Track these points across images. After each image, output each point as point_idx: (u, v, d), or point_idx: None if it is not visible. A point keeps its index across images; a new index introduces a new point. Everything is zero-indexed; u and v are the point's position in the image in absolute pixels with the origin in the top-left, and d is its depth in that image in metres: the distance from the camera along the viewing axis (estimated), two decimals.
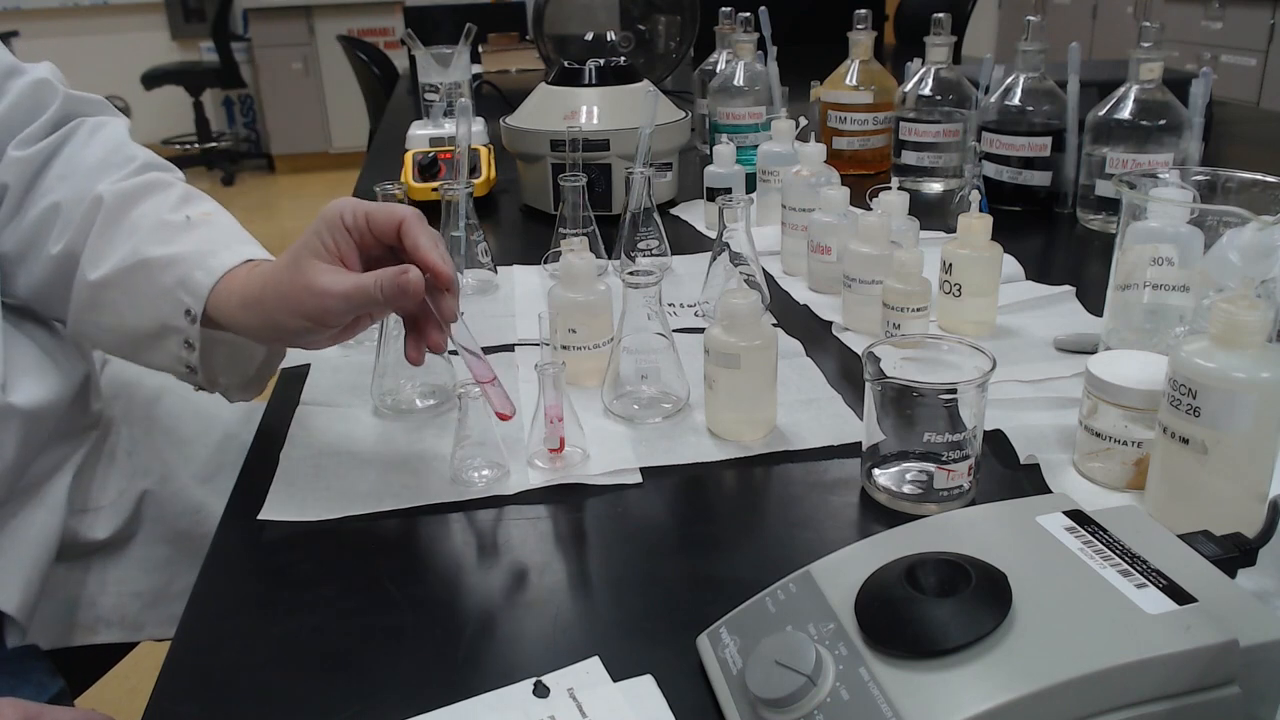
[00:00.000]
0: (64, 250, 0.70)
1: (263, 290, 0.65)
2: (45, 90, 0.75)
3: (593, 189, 1.11)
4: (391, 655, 0.52)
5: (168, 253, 0.68)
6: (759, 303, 0.70)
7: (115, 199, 0.70)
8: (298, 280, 0.63)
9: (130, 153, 0.75)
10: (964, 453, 0.62)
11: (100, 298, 0.69)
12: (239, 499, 0.68)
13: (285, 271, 0.64)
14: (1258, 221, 0.65)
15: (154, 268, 0.68)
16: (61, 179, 0.72)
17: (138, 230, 0.69)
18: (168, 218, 0.70)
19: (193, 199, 0.74)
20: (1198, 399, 0.54)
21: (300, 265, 0.63)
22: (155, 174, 0.74)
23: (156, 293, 0.68)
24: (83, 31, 5.39)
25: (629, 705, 0.48)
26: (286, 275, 0.64)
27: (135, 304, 0.69)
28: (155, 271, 0.68)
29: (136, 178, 0.73)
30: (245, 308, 0.66)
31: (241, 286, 0.67)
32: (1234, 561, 0.48)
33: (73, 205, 0.71)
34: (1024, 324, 0.90)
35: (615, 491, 0.67)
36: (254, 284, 0.66)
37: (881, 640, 0.42)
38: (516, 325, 0.94)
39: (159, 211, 0.71)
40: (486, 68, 2.63)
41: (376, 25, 5.18)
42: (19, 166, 0.72)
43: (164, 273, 0.68)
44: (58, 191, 0.71)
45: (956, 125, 1.32)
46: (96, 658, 0.87)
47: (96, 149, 0.74)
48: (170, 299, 0.67)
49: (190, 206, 0.72)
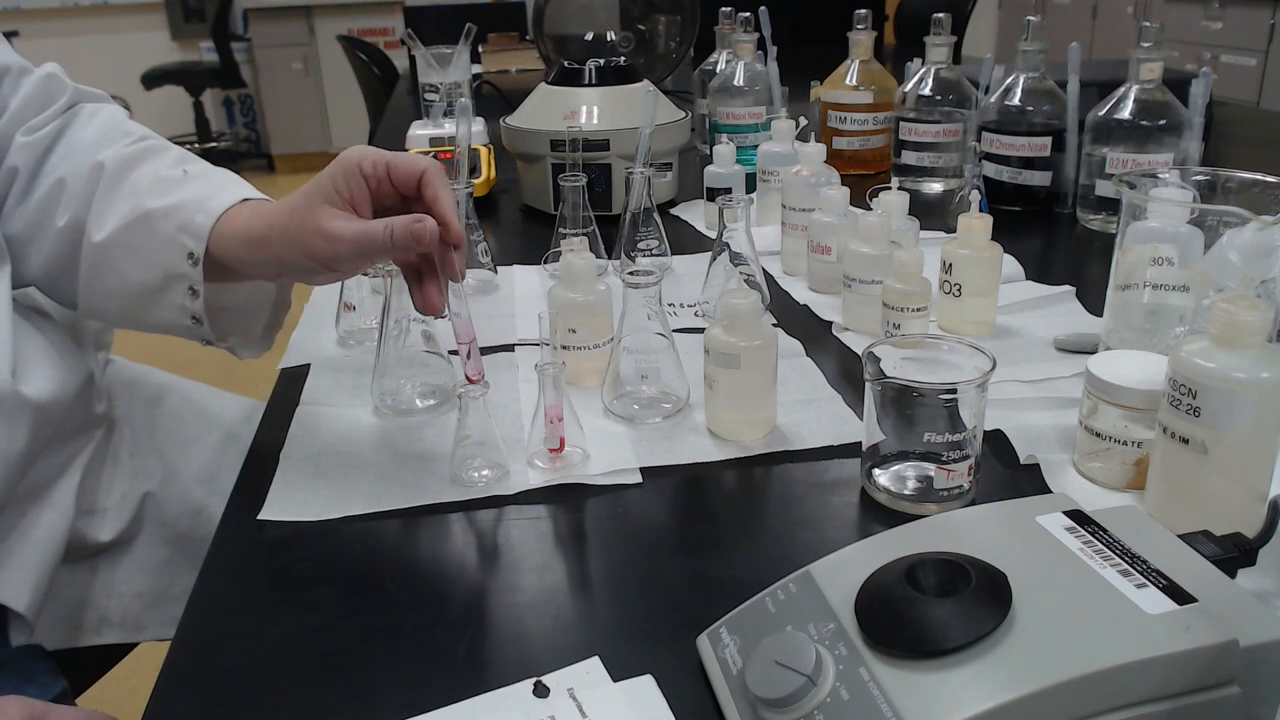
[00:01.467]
0: (70, 221, 0.71)
1: (268, 229, 0.65)
2: (54, 84, 0.77)
3: (593, 189, 1.11)
4: (391, 655, 0.52)
5: (167, 203, 0.69)
6: (759, 303, 0.70)
7: (115, 164, 0.71)
8: (307, 223, 0.63)
9: (128, 128, 0.77)
10: (964, 453, 0.62)
11: (105, 259, 0.70)
12: (239, 499, 0.68)
13: (294, 213, 0.64)
14: (1258, 221, 0.65)
15: (154, 219, 0.68)
16: (65, 157, 0.74)
17: (138, 189, 0.70)
18: (165, 173, 0.71)
19: (190, 159, 0.75)
20: (1198, 399, 0.54)
21: (311, 208, 0.64)
22: (153, 142, 0.76)
23: (159, 243, 0.68)
24: (83, 31, 5.39)
25: (629, 705, 0.48)
26: (295, 217, 0.64)
27: (139, 258, 0.69)
28: (156, 222, 0.68)
29: (135, 145, 0.74)
30: (249, 245, 0.66)
31: (244, 225, 0.67)
32: (1234, 561, 0.48)
33: (75, 178, 0.72)
34: (1024, 324, 0.90)
35: (615, 491, 0.67)
36: (258, 223, 0.67)
37: (881, 640, 0.42)
38: (516, 325, 0.94)
39: (157, 169, 0.72)
40: (486, 68, 2.63)
41: (376, 25, 5.18)
42: (27, 150, 0.74)
43: (164, 221, 0.68)
44: (62, 168, 0.73)
45: (956, 125, 1.32)
46: (97, 658, 0.87)
47: (97, 127, 0.76)
48: (172, 245, 0.68)
49: (188, 164, 0.74)
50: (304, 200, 0.65)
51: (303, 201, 0.65)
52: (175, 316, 0.71)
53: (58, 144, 0.74)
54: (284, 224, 0.65)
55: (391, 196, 0.66)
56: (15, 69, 0.76)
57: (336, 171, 0.65)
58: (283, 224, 0.65)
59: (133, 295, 0.70)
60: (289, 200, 0.66)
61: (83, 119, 0.76)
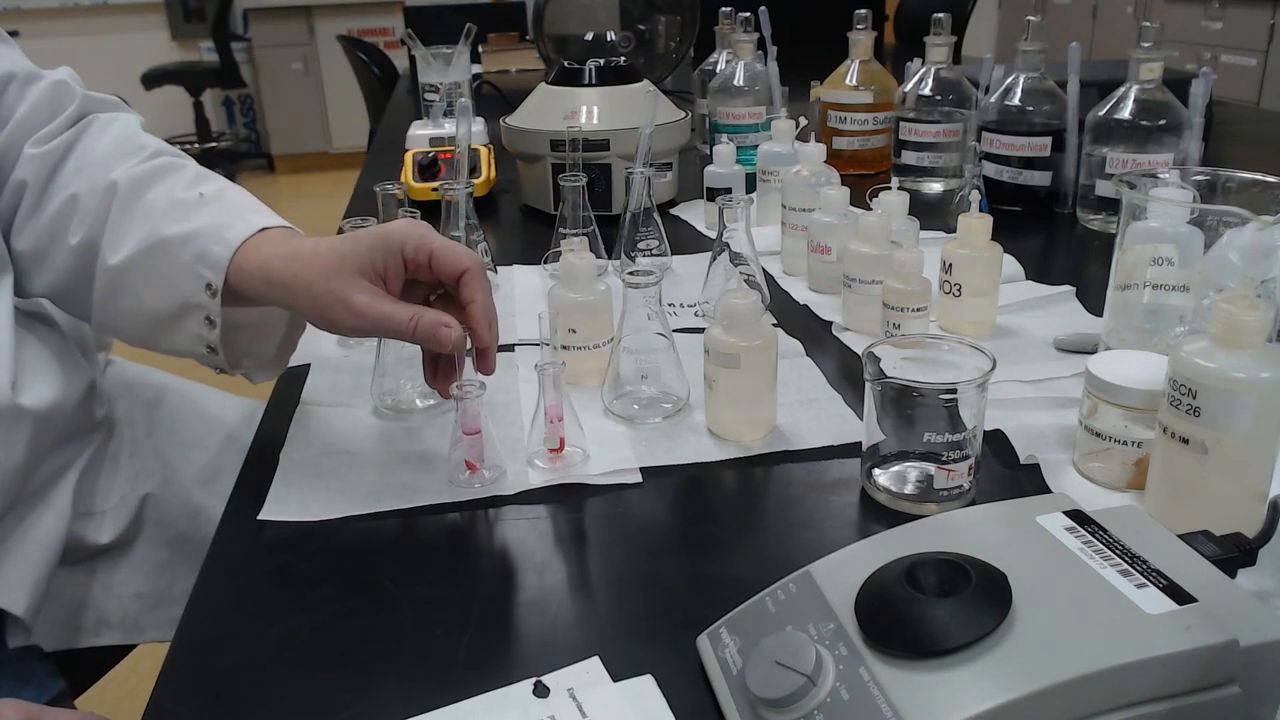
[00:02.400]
0: (83, 240, 0.70)
1: (292, 278, 0.65)
2: (63, 91, 0.76)
3: (593, 189, 1.11)
4: (391, 655, 0.52)
5: (183, 230, 0.68)
6: (759, 303, 0.70)
7: (129, 184, 0.70)
8: (334, 289, 0.63)
9: (142, 141, 0.75)
10: (964, 453, 0.62)
11: (121, 282, 0.69)
12: (239, 499, 0.68)
13: (322, 273, 0.64)
14: (1258, 221, 0.65)
15: (171, 245, 0.67)
16: (77, 172, 0.72)
17: (153, 212, 0.69)
18: (181, 196, 0.70)
19: (205, 177, 0.74)
20: (1198, 399, 0.54)
21: (341, 275, 0.63)
22: (167, 158, 0.74)
23: (175, 271, 0.67)
24: (83, 31, 5.39)
25: (629, 705, 0.48)
26: (323, 278, 0.63)
27: (155, 285, 0.68)
28: (173, 249, 0.67)
29: (149, 162, 0.73)
30: (269, 286, 0.66)
31: (265, 263, 0.66)
32: (1234, 561, 0.48)
33: (89, 195, 0.70)
34: (1024, 324, 0.90)
35: (615, 491, 0.67)
36: (280, 266, 0.66)
37: (881, 640, 0.42)
38: (516, 325, 0.94)
39: (173, 191, 0.71)
40: (486, 68, 2.63)
41: (376, 25, 5.18)
42: (36, 163, 0.72)
43: (181, 249, 0.67)
44: (74, 184, 0.71)
45: (956, 125, 1.32)
46: (96, 659, 0.87)
47: (109, 141, 0.74)
48: (189, 274, 0.67)
49: (203, 184, 0.72)
50: (337, 262, 0.64)
51: (336, 263, 0.64)
52: (190, 344, 0.70)
53: (69, 157, 0.73)
54: (309, 280, 0.64)
55: (429, 281, 0.67)
56: (22, 75, 0.74)
57: (378, 245, 0.64)
58: (308, 280, 0.64)
59: (149, 320, 0.70)
60: (320, 255, 0.65)
61: (94, 131, 0.75)
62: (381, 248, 0.64)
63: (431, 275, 0.65)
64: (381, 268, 0.64)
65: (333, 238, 0.67)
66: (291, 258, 0.66)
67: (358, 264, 0.63)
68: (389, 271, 0.64)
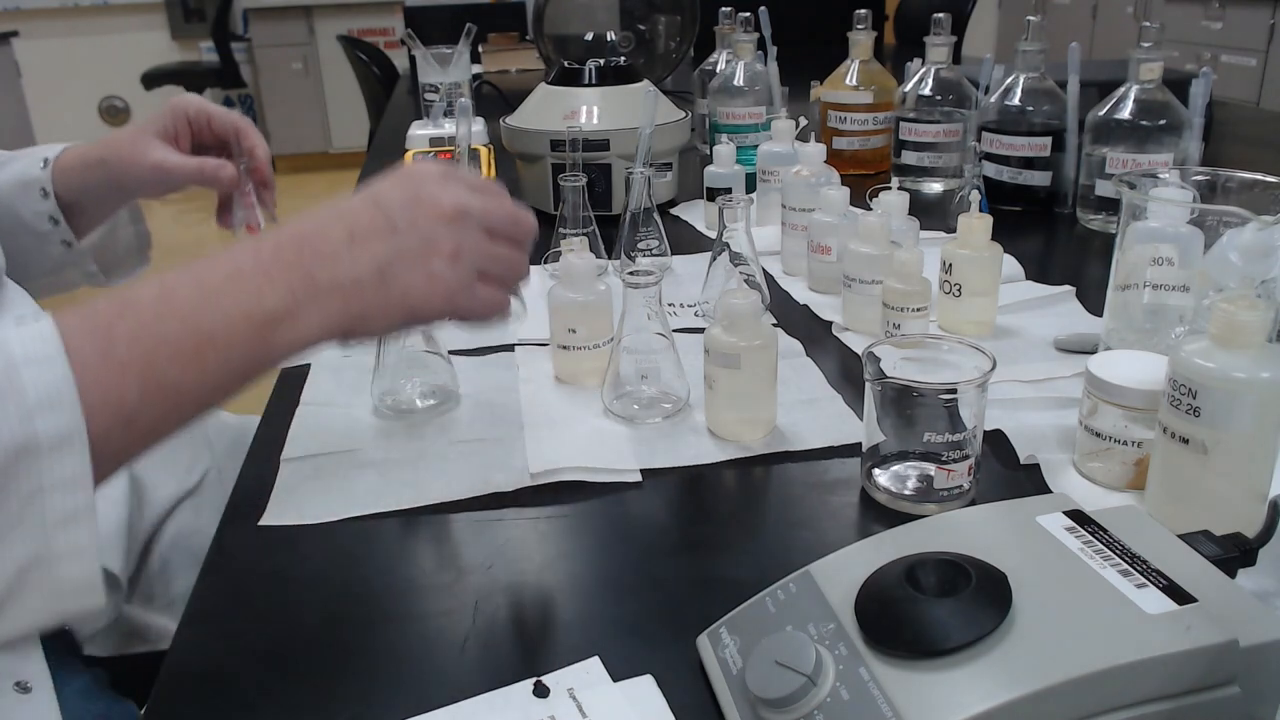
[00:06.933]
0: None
1: (105, 153, 0.84)
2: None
3: (593, 189, 1.11)
4: (391, 655, 0.52)
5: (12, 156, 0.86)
6: (759, 303, 0.70)
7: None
8: (139, 150, 0.83)
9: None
10: (964, 453, 0.62)
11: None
12: (239, 499, 0.68)
13: (128, 143, 0.84)
14: (1258, 221, 0.65)
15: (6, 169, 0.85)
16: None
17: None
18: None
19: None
20: (1198, 399, 0.54)
21: (143, 140, 0.83)
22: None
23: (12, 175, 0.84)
24: (83, 31, 5.38)
25: (629, 705, 0.48)
26: (128, 145, 0.83)
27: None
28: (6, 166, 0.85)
29: None
30: (88, 167, 0.84)
31: (82, 152, 0.85)
32: (1234, 561, 0.48)
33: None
34: (1024, 324, 0.90)
35: (615, 491, 0.67)
36: (96, 149, 0.85)
37: (881, 640, 0.42)
38: (516, 325, 0.93)
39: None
40: (486, 68, 2.63)
41: (376, 25, 5.17)
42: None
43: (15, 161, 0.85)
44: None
45: (956, 125, 1.32)
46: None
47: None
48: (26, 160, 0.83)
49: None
50: (137, 131, 0.84)
51: (136, 132, 0.84)
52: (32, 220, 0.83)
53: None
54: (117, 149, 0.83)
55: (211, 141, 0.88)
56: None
57: (167, 113, 0.86)
58: (116, 149, 0.83)
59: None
60: (122, 131, 0.85)
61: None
62: (170, 115, 0.85)
63: (213, 136, 0.87)
64: (173, 131, 0.85)
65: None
66: (100, 143, 0.85)
67: (154, 129, 0.84)
68: (179, 134, 0.85)
